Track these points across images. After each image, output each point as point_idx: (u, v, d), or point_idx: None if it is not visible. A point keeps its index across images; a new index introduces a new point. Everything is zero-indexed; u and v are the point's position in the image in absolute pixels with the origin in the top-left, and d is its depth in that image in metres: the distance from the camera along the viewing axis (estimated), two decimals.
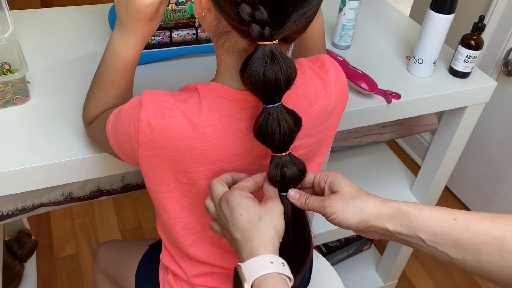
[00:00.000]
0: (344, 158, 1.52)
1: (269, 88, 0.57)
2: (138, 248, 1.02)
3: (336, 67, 0.73)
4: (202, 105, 0.63)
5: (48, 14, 1.19)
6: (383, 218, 0.60)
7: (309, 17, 0.59)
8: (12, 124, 0.86)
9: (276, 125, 0.59)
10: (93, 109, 0.76)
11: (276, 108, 0.59)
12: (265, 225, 0.58)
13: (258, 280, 0.54)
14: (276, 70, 0.56)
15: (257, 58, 0.56)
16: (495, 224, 0.55)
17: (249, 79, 0.57)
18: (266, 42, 0.55)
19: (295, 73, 0.58)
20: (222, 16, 0.59)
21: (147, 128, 0.61)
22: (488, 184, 1.92)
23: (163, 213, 0.73)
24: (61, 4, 3.18)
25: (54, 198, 1.00)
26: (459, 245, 0.56)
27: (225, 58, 0.63)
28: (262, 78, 0.56)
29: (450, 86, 1.11)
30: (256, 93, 0.58)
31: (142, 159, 0.65)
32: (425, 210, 0.59)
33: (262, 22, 0.54)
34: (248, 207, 0.59)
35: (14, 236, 1.58)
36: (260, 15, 0.54)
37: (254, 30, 0.54)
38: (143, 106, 0.62)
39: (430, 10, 1.04)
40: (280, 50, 0.56)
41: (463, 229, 0.56)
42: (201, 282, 0.82)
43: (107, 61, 0.72)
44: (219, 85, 0.64)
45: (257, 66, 0.56)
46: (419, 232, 0.58)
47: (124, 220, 1.90)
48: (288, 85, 0.58)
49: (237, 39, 0.60)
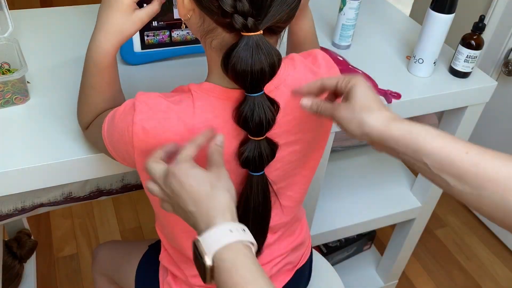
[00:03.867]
0: (344, 158, 1.52)
1: (256, 78, 0.58)
2: (138, 249, 1.01)
3: (328, 61, 0.73)
4: (195, 106, 0.62)
5: (48, 14, 1.19)
6: (389, 138, 0.58)
7: (291, 4, 0.59)
8: (11, 124, 0.86)
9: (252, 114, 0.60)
10: (86, 114, 0.75)
11: (259, 97, 0.60)
12: (218, 192, 0.56)
13: (219, 251, 0.51)
14: (261, 59, 0.57)
15: (242, 49, 0.56)
16: (508, 163, 0.53)
17: (235, 70, 0.57)
18: (250, 33, 0.56)
19: (279, 62, 0.59)
20: (205, 14, 0.59)
21: (141, 132, 0.61)
22: None
23: (162, 216, 0.73)
24: (61, 4, 3.17)
25: (54, 198, 1.00)
26: (464, 177, 0.54)
27: (214, 56, 0.63)
28: (250, 68, 0.56)
29: (450, 86, 1.11)
30: (242, 83, 0.59)
31: (139, 163, 0.64)
32: (437, 138, 0.56)
33: (244, 13, 0.55)
34: (197, 177, 0.57)
35: (14, 236, 1.58)
36: (242, 5, 0.54)
37: (237, 21, 0.55)
38: (136, 110, 0.61)
39: (430, 10, 1.04)
40: (264, 41, 0.57)
41: (472, 164, 0.53)
42: (200, 283, 0.82)
43: (84, 65, 0.72)
44: (211, 85, 0.64)
45: (242, 56, 0.56)
46: (425, 157, 0.56)
47: (124, 220, 1.90)
48: (272, 75, 0.59)
49: (224, 35, 0.60)
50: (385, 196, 1.42)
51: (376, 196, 1.42)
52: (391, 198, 1.42)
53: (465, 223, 2.02)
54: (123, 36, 0.68)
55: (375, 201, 1.40)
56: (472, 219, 2.04)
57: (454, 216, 2.05)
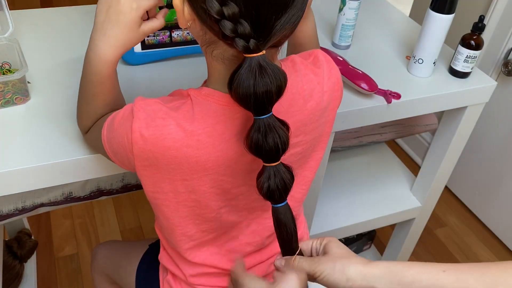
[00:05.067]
0: (344, 158, 1.52)
1: (261, 100, 0.55)
2: (138, 248, 1.02)
3: (329, 62, 0.72)
4: (195, 111, 0.62)
5: (48, 14, 1.19)
6: (371, 277, 0.60)
7: (294, 22, 0.57)
8: (12, 124, 0.86)
9: (271, 137, 0.57)
10: (85, 119, 0.75)
11: (268, 119, 0.57)
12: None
13: None
14: (266, 81, 0.55)
15: (245, 72, 0.54)
16: (486, 271, 0.55)
17: (238, 93, 0.55)
18: (252, 54, 0.54)
19: (285, 82, 0.57)
20: (207, 29, 0.58)
21: (140, 139, 0.60)
22: (488, 184, 1.91)
23: (162, 218, 0.73)
24: (61, 4, 3.18)
25: (54, 198, 1.00)
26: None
27: (215, 65, 0.62)
28: (253, 91, 0.54)
29: (450, 86, 1.11)
30: (247, 106, 0.56)
31: (139, 169, 0.64)
32: (413, 266, 0.59)
33: (246, 36, 0.53)
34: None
35: (14, 236, 1.58)
36: (243, 29, 0.53)
37: (239, 44, 0.53)
38: (135, 117, 0.61)
39: (430, 10, 1.04)
40: (267, 61, 0.55)
41: (453, 279, 0.56)
42: (199, 282, 0.82)
43: (83, 73, 0.71)
44: (211, 90, 0.63)
45: (245, 79, 0.54)
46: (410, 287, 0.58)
47: (124, 220, 1.90)
48: (279, 95, 0.57)
49: (225, 47, 0.59)
50: (385, 196, 1.42)
51: (376, 196, 1.42)
52: (391, 198, 1.42)
53: (465, 223, 2.02)
54: (127, 48, 0.68)
55: (375, 201, 1.40)
56: (472, 219, 2.04)
57: (454, 216, 2.05)
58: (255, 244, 0.81)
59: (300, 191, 0.81)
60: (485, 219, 1.99)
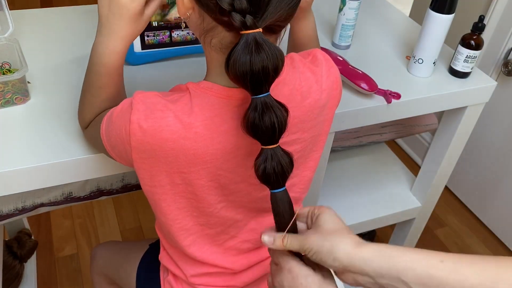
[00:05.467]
0: (344, 158, 1.52)
1: (257, 77, 0.55)
2: (138, 248, 1.02)
3: (328, 61, 0.72)
4: (193, 104, 0.62)
5: (48, 14, 1.19)
6: (359, 259, 0.55)
7: (290, 2, 0.58)
8: (12, 124, 0.86)
9: (267, 116, 0.57)
10: (87, 113, 0.76)
11: (265, 98, 0.57)
12: None
13: None
14: (262, 57, 0.55)
15: (241, 48, 0.55)
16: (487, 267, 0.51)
17: (234, 69, 0.55)
18: (249, 30, 0.55)
19: (282, 59, 0.57)
20: (205, 12, 0.59)
21: (139, 130, 0.61)
22: (488, 184, 1.91)
23: (160, 215, 0.73)
24: (61, 4, 3.18)
25: (54, 198, 1.00)
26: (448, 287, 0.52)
27: (213, 55, 0.63)
28: (249, 67, 0.55)
29: (450, 86, 1.11)
30: (244, 83, 0.56)
31: (136, 161, 0.65)
32: (408, 252, 0.54)
33: (242, 10, 0.54)
34: None
35: (14, 236, 1.58)
36: (239, 3, 0.54)
37: (236, 19, 0.54)
38: (133, 109, 0.61)
39: (430, 10, 1.04)
40: (264, 38, 0.55)
41: (452, 271, 0.52)
42: (200, 282, 0.82)
43: (90, 66, 0.72)
44: (209, 83, 0.64)
45: (242, 55, 0.54)
46: (402, 274, 0.53)
47: (124, 220, 1.90)
48: (276, 72, 0.57)
49: (224, 33, 0.59)
50: (385, 196, 1.42)
51: (376, 196, 1.42)
52: (391, 198, 1.42)
53: (465, 223, 2.02)
54: (134, 37, 0.70)
55: (375, 201, 1.40)
56: (472, 219, 2.04)
57: (454, 216, 2.05)
58: (253, 241, 0.81)
59: (300, 191, 0.81)
60: (485, 219, 1.99)
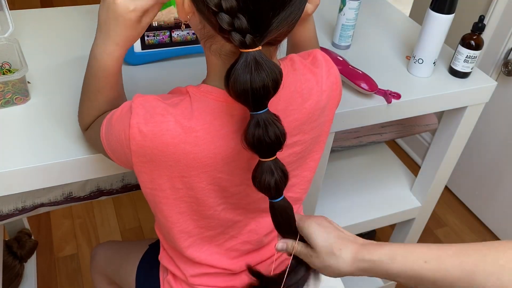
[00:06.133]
0: (344, 158, 1.52)
1: (258, 95, 0.56)
2: (138, 248, 1.02)
3: (328, 61, 0.72)
4: (193, 108, 0.62)
5: (48, 14, 1.19)
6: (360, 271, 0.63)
7: (291, 21, 0.58)
8: (12, 124, 0.86)
9: (272, 131, 0.58)
10: (86, 116, 0.75)
11: (266, 114, 0.58)
12: None
13: None
14: (262, 76, 0.55)
15: (241, 67, 0.54)
16: (465, 259, 0.56)
17: (235, 88, 0.55)
18: (248, 49, 0.54)
19: (281, 77, 0.57)
20: (206, 22, 0.58)
21: (139, 135, 0.61)
22: (488, 184, 1.91)
23: (160, 216, 0.73)
24: (61, 4, 3.18)
25: (54, 198, 1.00)
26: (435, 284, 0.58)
27: (213, 60, 0.63)
28: (250, 86, 0.55)
29: (450, 86, 1.11)
30: (245, 101, 0.56)
31: (136, 165, 0.64)
32: (397, 257, 0.60)
33: (242, 30, 0.53)
34: None
35: (14, 236, 1.58)
36: (240, 23, 0.53)
37: (235, 38, 0.53)
38: (133, 113, 0.61)
39: (430, 10, 1.04)
40: (263, 57, 0.55)
41: (435, 270, 0.57)
42: (199, 282, 0.82)
43: (88, 69, 0.72)
44: (209, 87, 0.63)
45: (242, 74, 0.54)
46: (397, 278, 0.61)
47: (124, 220, 1.90)
48: (276, 89, 0.57)
49: (223, 42, 0.59)
50: (385, 196, 1.42)
51: (376, 196, 1.42)
52: (391, 198, 1.42)
53: (465, 223, 2.02)
54: (131, 43, 0.69)
55: (375, 201, 1.40)
56: (472, 219, 2.04)
57: (454, 216, 2.05)
58: (253, 242, 0.81)
59: (300, 191, 0.81)
60: (485, 219, 1.99)
